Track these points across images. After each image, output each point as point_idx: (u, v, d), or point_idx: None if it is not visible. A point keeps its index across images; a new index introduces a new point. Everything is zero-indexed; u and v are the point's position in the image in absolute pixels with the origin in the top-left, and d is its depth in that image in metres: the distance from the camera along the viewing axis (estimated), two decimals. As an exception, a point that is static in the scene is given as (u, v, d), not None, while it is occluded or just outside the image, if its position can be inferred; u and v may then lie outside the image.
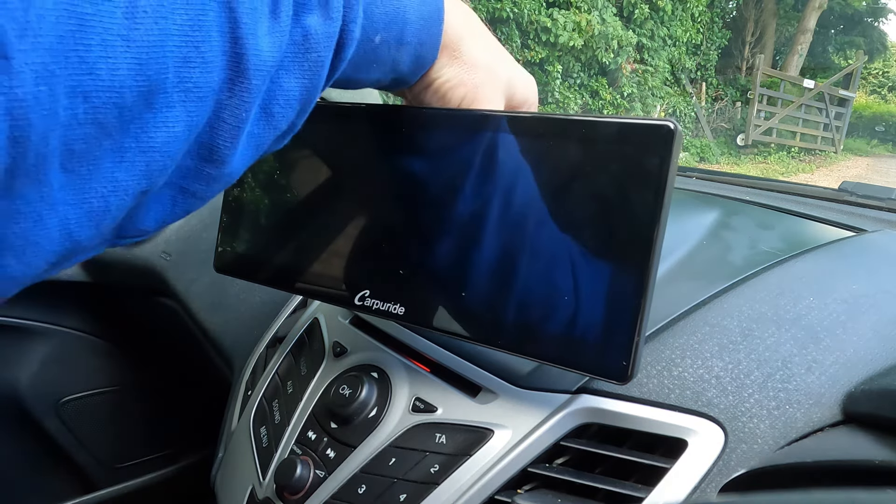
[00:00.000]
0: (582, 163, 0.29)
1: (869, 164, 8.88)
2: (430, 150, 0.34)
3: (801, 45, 9.39)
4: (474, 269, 0.32)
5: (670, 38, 7.85)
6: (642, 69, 7.49)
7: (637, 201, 0.28)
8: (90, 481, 0.92)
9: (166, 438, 1.00)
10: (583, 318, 0.29)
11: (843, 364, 0.35)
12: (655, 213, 0.27)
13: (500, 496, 0.35)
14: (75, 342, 0.89)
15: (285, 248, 0.39)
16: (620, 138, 0.28)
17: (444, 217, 0.33)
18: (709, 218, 0.54)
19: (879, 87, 13.36)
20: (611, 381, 0.29)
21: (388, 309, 0.35)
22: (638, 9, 7.07)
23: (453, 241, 0.33)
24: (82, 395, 0.90)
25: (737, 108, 9.15)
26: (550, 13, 5.98)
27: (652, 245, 0.27)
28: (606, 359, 0.29)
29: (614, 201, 0.28)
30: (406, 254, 0.34)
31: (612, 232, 0.28)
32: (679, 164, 0.31)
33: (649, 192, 0.27)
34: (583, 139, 0.29)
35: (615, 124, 0.28)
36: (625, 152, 0.28)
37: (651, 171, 0.27)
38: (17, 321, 0.84)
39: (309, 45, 0.24)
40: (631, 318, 0.28)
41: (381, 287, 0.35)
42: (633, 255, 0.28)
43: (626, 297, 0.28)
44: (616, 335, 0.29)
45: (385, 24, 0.27)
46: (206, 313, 0.67)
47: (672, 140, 0.27)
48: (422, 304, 0.34)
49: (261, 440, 0.46)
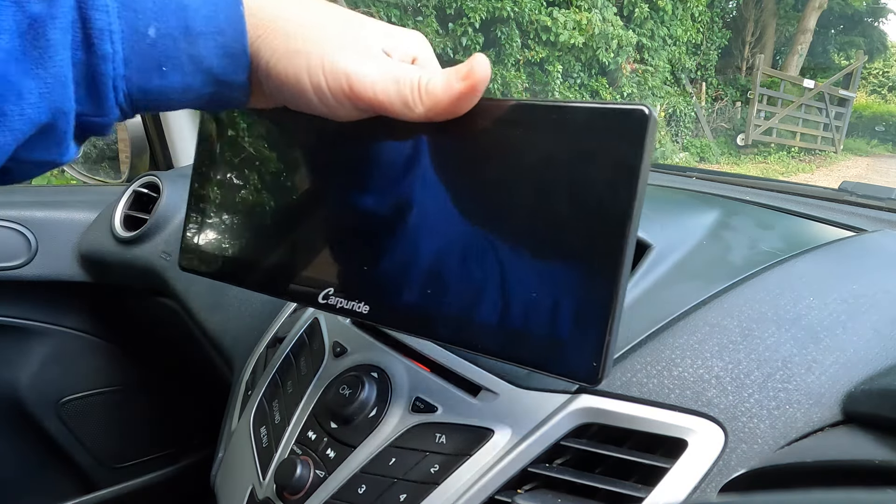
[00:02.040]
0: (551, 151, 0.27)
1: (869, 164, 8.88)
2: (389, 142, 0.32)
3: (801, 45, 9.39)
4: (440, 266, 0.31)
5: (670, 38, 7.85)
6: (642, 69, 7.49)
7: (609, 191, 0.26)
8: (90, 481, 0.93)
9: (166, 438, 1.00)
10: (551, 316, 0.28)
11: (843, 364, 0.35)
12: (628, 204, 0.25)
13: (500, 496, 0.35)
14: (75, 342, 0.89)
15: (248, 245, 0.38)
16: (592, 124, 0.26)
17: (406, 212, 0.31)
18: (709, 218, 0.54)
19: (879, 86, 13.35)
20: (580, 384, 0.28)
21: (353, 307, 0.33)
22: (638, 8, 7.07)
23: (417, 236, 0.31)
24: (82, 395, 0.90)
25: (737, 108, 9.15)
26: (550, 12, 5.98)
27: (625, 238, 0.26)
28: (576, 359, 0.27)
29: (585, 192, 0.26)
30: (370, 250, 0.33)
31: (582, 224, 0.27)
32: (679, 164, 0.30)
33: (622, 180, 0.25)
34: (553, 126, 0.27)
35: (586, 109, 0.27)
36: (596, 139, 0.26)
37: (624, 159, 0.25)
38: (17, 321, 0.84)
39: (37, 33, 0.21)
40: (602, 316, 0.26)
41: (345, 285, 0.34)
42: (604, 250, 0.26)
43: (597, 293, 0.26)
44: (586, 334, 0.27)
45: (155, 12, 0.24)
46: (206, 313, 0.67)
47: (646, 125, 0.25)
48: (387, 303, 0.33)
49: (261, 440, 0.46)
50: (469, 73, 0.27)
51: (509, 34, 5.72)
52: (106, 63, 0.23)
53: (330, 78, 0.27)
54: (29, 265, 0.80)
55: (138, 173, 0.93)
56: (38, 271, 0.81)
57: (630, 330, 0.39)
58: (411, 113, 0.28)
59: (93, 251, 0.83)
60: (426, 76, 0.28)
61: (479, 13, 5.39)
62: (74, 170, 1.04)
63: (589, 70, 6.73)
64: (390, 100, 0.28)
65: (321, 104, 0.29)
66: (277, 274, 0.37)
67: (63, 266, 0.83)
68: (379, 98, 0.28)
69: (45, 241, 0.81)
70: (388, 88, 0.28)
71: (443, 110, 0.28)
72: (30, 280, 0.80)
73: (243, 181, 0.38)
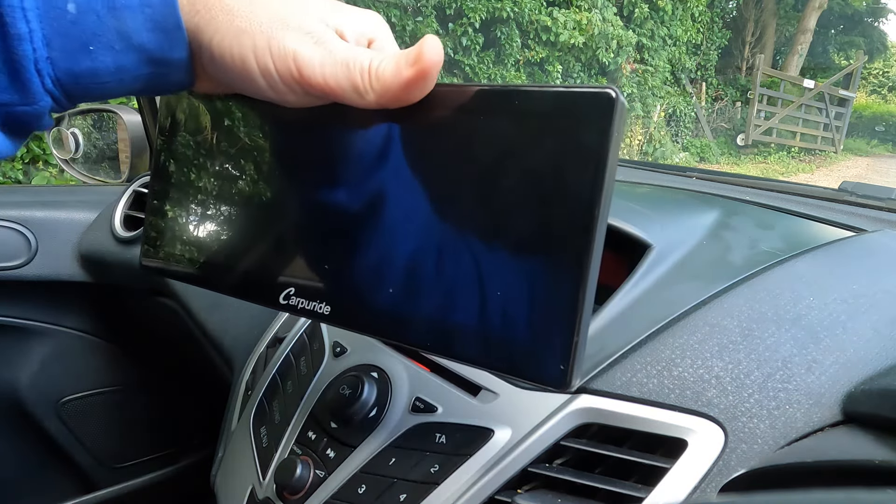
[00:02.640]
0: (514, 140, 0.26)
1: (869, 164, 8.88)
2: (348, 132, 0.30)
3: (801, 45, 9.40)
4: (402, 264, 0.29)
5: (670, 38, 7.85)
6: (642, 69, 7.49)
7: (573, 181, 0.24)
8: (90, 481, 0.93)
9: (166, 438, 1.00)
10: (515, 316, 0.26)
11: (843, 364, 0.35)
12: (594, 195, 0.24)
13: (500, 496, 0.35)
14: (76, 342, 0.89)
15: (207, 244, 0.36)
16: (556, 110, 0.25)
17: (366, 209, 0.30)
18: (709, 218, 0.54)
19: (879, 86, 13.36)
20: (549, 389, 0.27)
21: (314, 308, 0.32)
22: (638, 8, 7.07)
23: (376, 234, 0.30)
24: (82, 395, 0.90)
25: (737, 108, 9.15)
26: (550, 12, 5.98)
27: (591, 232, 0.24)
28: (541, 363, 0.25)
29: (548, 182, 0.25)
30: (331, 249, 0.31)
31: (546, 218, 0.25)
32: (679, 164, 0.29)
33: (587, 169, 0.24)
34: (515, 112, 0.26)
35: (550, 94, 0.25)
36: (559, 125, 0.24)
37: (589, 145, 0.24)
38: (17, 321, 0.84)
39: None
40: (567, 316, 0.24)
41: (306, 285, 0.32)
42: (569, 245, 0.24)
43: (562, 292, 0.24)
44: (551, 336, 0.25)
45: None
46: (205, 313, 0.67)
47: (612, 109, 0.23)
48: (348, 304, 0.31)
49: (261, 440, 0.46)
50: (418, 56, 0.25)
51: (509, 34, 5.72)
52: (23, 43, 0.22)
53: (277, 60, 0.25)
54: (29, 265, 0.80)
55: (138, 173, 0.93)
56: (38, 271, 0.81)
57: (630, 330, 0.39)
58: (362, 100, 0.26)
59: (93, 251, 0.83)
60: (377, 60, 0.25)
61: (479, 13, 5.39)
62: (74, 170, 1.04)
63: (589, 70, 6.73)
64: (340, 85, 0.26)
65: (270, 89, 0.27)
66: (237, 273, 0.35)
67: (63, 266, 0.83)
68: (329, 83, 0.26)
69: (45, 240, 0.81)
70: (338, 73, 0.25)
71: (394, 97, 0.26)
72: (30, 280, 0.80)
73: (200, 175, 0.36)
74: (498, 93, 0.26)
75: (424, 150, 0.28)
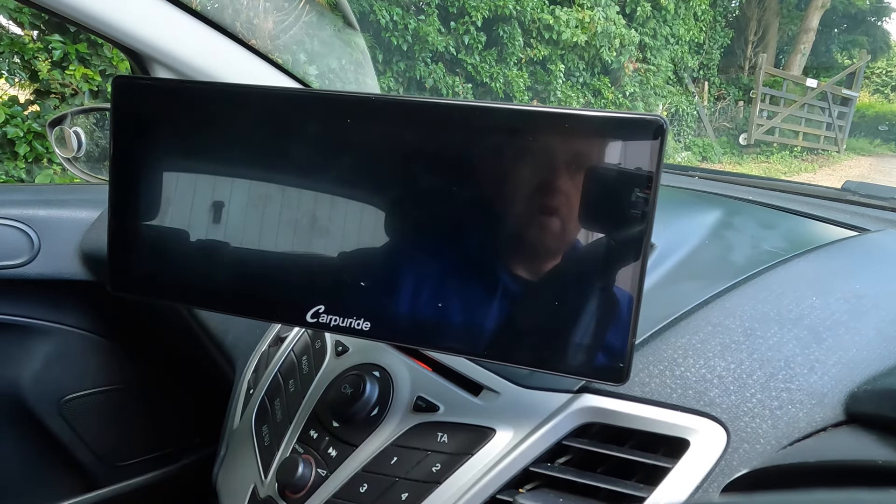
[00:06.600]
0: (568, 161, 0.28)
1: (872, 163, 8.86)
2: (393, 144, 0.30)
3: (804, 44, 9.37)
4: (454, 278, 0.30)
5: (673, 37, 7.83)
6: (645, 68, 7.47)
7: (627, 199, 0.27)
8: (92, 479, 0.93)
9: (168, 437, 1.00)
10: (575, 322, 0.29)
11: (846, 364, 0.35)
12: (648, 211, 0.27)
13: (501, 495, 0.34)
14: (78, 341, 0.89)
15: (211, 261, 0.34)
16: (608, 134, 0.27)
17: (413, 222, 0.30)
18: (711, 217, 0.54)
19: (883, 86, 13.32)
20: (608, 384, 0.29)
21: (351, 325, 0.31)
22: (640, 7, 7.06)
23: (424, 247, 0.30)
24: (84, 393, 0.91)
25: (739, 108, 9.13)
26: (553, 10, 5.97)
27: (643, 244, 0.27)
28: (603, 362, 0.29)
29: (603, 200, 0.28)
30: (369, 264, 0.31)
31: (603, 232, 0.28)
32: (681, 164, 0.30)
33: (640, 188, 0.27)
34: (569, 134, 0.28)
35: (601, 119, 0.27)
36: (613, 149, 0.27)
37: (641, 168, 0.27)
38: (19, 320, 0.84)
39: None
40: (626, 319, 0.28)
41: (338, 302, 0.31)
42: (627, 256, 0.27)
43: (620, 298, 0.28)
44: (611, 337, 0.28)
45: None
46: (207, 312, 0.67)
47: (663, 135, 0.27)
48: (392, 319, 0.31)
49: (263, 439, 0.46)
50: None
51: (511, 33, 5.71)
52: None
53: None
54: (31, 264, 0.80)
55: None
56: (41, 270, 0.81)
57: (632, 329, 0.39)
58: None
59: (95, 250, 0.83)
60: None
61: (482, 12, 5.38)
62: (77, 168, 1.05)
63: (591, 69, 6.71)
64: None
65: None
66: (251, 293, 0.33)
67: (65, 264, 0.83)
68: None
69: (47, 239, 0.82)
70: None
71: None
72: (32, 279, 0.80)
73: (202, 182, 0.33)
74: (548, 115, 0.28)
75: (468, 168, 0.30)
